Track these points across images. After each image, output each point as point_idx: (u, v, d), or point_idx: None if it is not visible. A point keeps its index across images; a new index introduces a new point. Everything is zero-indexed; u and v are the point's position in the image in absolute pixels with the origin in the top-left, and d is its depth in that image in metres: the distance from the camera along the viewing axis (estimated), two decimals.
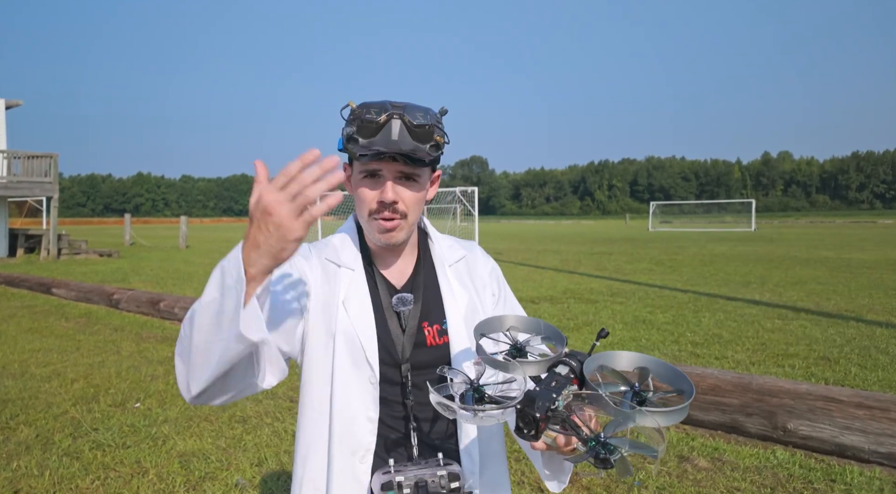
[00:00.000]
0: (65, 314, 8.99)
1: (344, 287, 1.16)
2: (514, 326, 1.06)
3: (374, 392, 1.13)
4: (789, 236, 29.83)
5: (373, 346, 1.13)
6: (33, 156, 19.29)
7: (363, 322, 1.14)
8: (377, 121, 1.04)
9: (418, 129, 1.05)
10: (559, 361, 0.92)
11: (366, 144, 1.05)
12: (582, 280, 12.41)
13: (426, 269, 1.25)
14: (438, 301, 1.22)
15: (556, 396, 0.84)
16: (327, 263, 1.19)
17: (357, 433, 1.13)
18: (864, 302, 8.97)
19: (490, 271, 1.31)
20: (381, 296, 1.18)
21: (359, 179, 1.12)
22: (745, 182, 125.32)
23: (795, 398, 3.73)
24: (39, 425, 4.28)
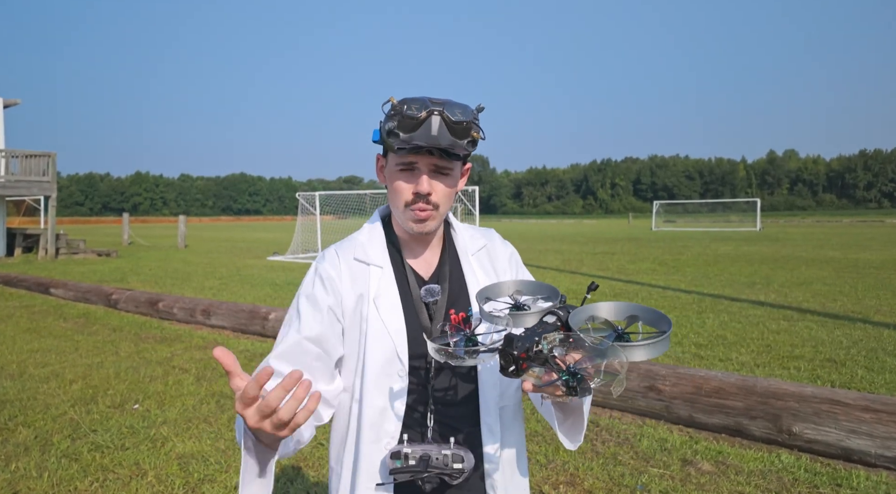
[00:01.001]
0: (63, 314, 8.98)
1: (374, 285, 1.23)
2: (518, 290, 1.15)
3: (402, 385, 1.20)
4: (795, 236, 29.70)
5: (402, 341, 1.20)
6: (31, 155, 19.29)
7: (393, 318, 1.21)
8: (418, 117, 1.09)
9: (457, 125, 1.11)
10: (549, 312, 1.01)
11: (406, 138, 1.10)
12: (584, 280, 12.36)
13: (451, 258, 1.31)
14: (464, 290, 1.28)
15: (538, 339, 0.92)
16: (356, 263, 1.25)
17: (385, 423, 1.20)
18: (872, 303, 8.89)
19: (509, 256, 1.38)
20: (412, 289, 1.24)
21: (394, 171, 1.19)
22: (751, 181, 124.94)
23: (801, 401, 3.68)
24: (38, 426, 4.26)
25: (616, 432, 4.05)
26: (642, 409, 4.31)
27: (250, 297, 10.37)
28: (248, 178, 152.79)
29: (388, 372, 1.20)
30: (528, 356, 0.91)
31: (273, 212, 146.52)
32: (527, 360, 0.91)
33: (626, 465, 3.54)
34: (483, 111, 1.17)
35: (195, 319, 7.91)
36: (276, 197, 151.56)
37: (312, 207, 20.96)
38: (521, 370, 0.92)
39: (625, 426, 4.16)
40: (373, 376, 1.20)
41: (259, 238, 35.22)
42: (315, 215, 20.60)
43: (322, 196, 21.02)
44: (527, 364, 0.91)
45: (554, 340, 0.92)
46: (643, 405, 4.29)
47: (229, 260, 18.92)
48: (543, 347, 0.91)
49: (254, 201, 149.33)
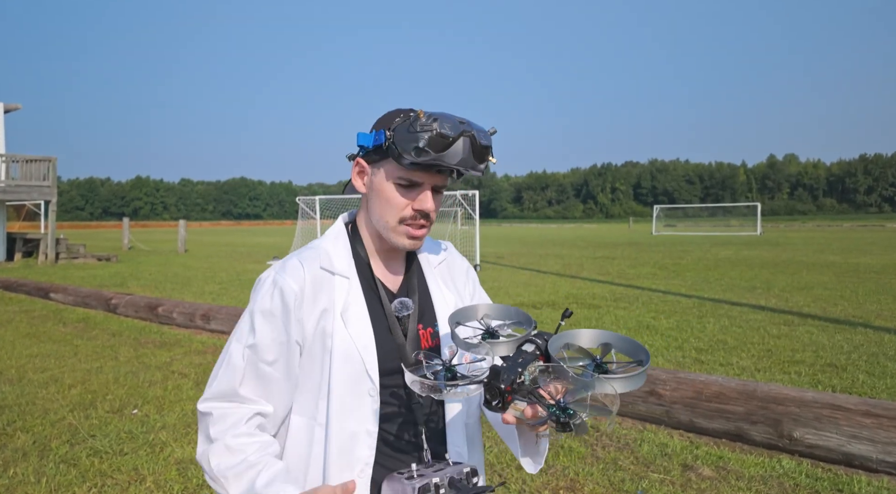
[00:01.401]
0: (62, 318, 8.97)
1: (340, 298, 1.15)
2: (487, 314, 1.12)
3: (373, 405, 1.13)
4: (795, 240, 29.69)
5: (372, 358, 1.12)
6: (32, 160, 19.30)
7: (361, 334, 1.13)
8: (450, 137, 1.05)
9: (483, 149, 1.09)
10: (526, 340, 0.98)
11: (436, 157, 1.05)
12: (584, 285, 12.35)
13: (417, 271, 1.27)
14: (430, 304, 1.24)
15: (522, 370, 0.90)
16: (321, 273, 1.15)
17: (356, 448, 1.11)
18: (873, 308, 8.88)
19: (466, 271, 1.36)
20: (383, 302, 1.18)
21: (391, 184, 1.13)
22: (751, 185, 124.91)
23: (801, 406, 3.67)
24: (36, 431, 4.25)
25: (616, 437, 4.04)
26: (642, 414, 4.29)
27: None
28: (249, 182, 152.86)
29: (358, 392, 1.12)
30: (513, 388, 0.89)
31: (273, 216, 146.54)
32: (511, 392, 0.89)
33: (627, 470, 3.52)
34: (495, 134, 1.15)
35: (195, 323, 7.90)
36: (277, 201, 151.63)
37: (313, 211, 20.97)
38: (507, 404, 0.90)
39: (625, 431, 4.14)
40: (339, 398, 1.11)
41: (259, 243, 35.23)
42: (315, 220, 20.62)
43: (322, 200, 21.02)
44: (511, 397, 0.89)
45: (535, 371, 0.90)
46: (643, 409, 4.28)
47: (229, 265, 18.92)
48: (525, 378, 0.90)
49: (254, 206, 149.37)
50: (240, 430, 1.09)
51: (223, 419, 1.10)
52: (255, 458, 1.07)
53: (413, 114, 1.08)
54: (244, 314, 1.16)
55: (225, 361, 1.14)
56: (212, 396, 1.13)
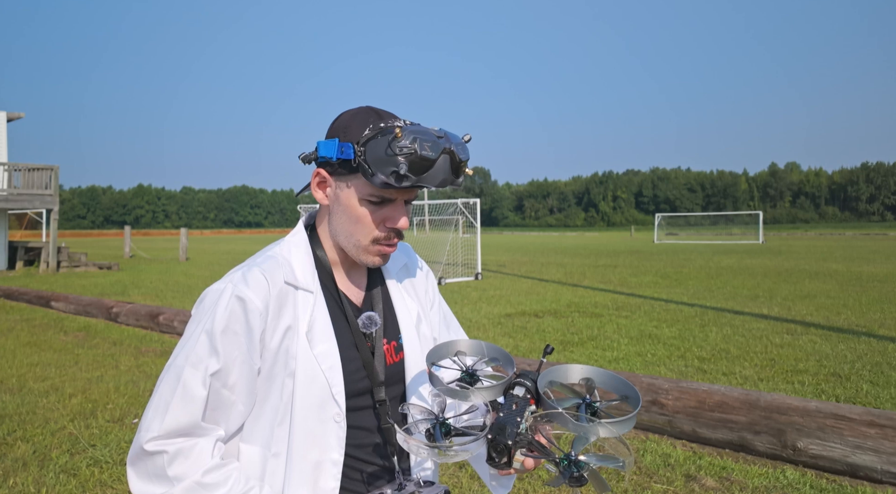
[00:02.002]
0: (63, 327, 8.96)
1: (304, 314, 1.05)
2: (461, 351, 1.05)
3: (339, 432, 1.04)
4: (798, 249, 29.64)
5: (339, 381, 1.04)
6: (34, 168, 19.37)
7: (327, 355, 1.04)
8: (432, 158, 0.97)
9: (462, 164, 1.02)
10: (514, 383, 0.93)
11: (417, 180, 0.97)
12: (586, 293, 12.33)
13: (379, 280, 1.19)
14: (393, 316, 1.17)
15: (520, 419, 0.85)
16: (285, 286, 1.05)
17: (320, 479, 1.03)
18: (876, 317, 8.85)
19: (426, 275, 1.28)
20: (349, 318, 1.09)
21: (360, 200, 1.04)
22: (753, 194, 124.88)
23: (805, 416, 3.65)
24: (36, 441, 4.23)
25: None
26: (645, 424, 4.27)
27: None
28: (250, 190, 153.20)
29: (322, 418, 1.03)
30: (517, 442, 0.85)
31: (275, 224, 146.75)
32: (515, 446, 0.85)
33: (629, 481, 3.50)
34: (469, 141, 1.07)
35: None
36: (278, 209, 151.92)
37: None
38: (512, 459, 0.85)
39: (627, 440, 4.11)
40: (302, 425, 1.02)
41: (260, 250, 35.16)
42: None
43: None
44: (515, 451, 0.85)
45: (528, 418, 0.86)
46: (646, 419, 4.25)
47: None
48: (522, 427, 0.85)
49: (255, 214, 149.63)
50: (209, 464, 0.95)
51: (183, 455, 0.94)
52: (239, 489, 0.96)
53: (385, 127, 0.98)
54: (194, 332, 1.00)
55: (178, 390, 0.96)
56: (165, 433, 0.95)
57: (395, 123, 0.99)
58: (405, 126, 0.98)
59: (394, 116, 1.04)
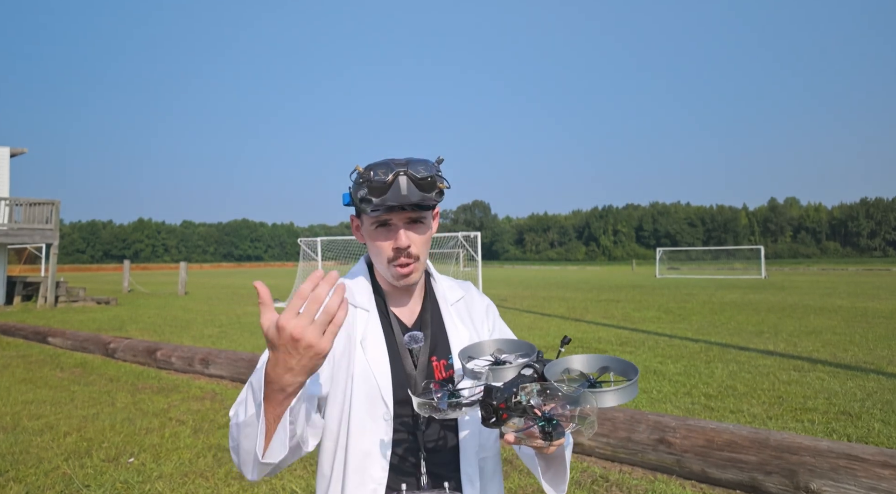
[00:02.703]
0: (60, 363, 8.84)
1: (360, 328, 1.26)
2: (499, 348, 1.21)
3: (387, 429, 1.21)
4: (801, 284, 29.53)
5: (388, 384, 1.22)
6: (35, 203, 19.45)
7: (379, 362, 1.23)
8: (386, 181, 1.16)
9: (423, 181, 1.18)
10: (526, 365, 1.08)
11: (379, 202, 1.17)
12: (589, 329, 12.22)
13: (432, 307, 1.36)
14: (444, 337, 1.33)
15: (517, 390, 0.97)
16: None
17: (370, 467, 1.20)
18: (884, 354, 8.72)
19: (486, 308, 1.45)
20: (396, 335, 1.27)
21: (372, 230, 1.25)
22: (753, 228, 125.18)
23: (816, 456, 3.55)
24: (29, 481, 4.13)
25: (627, 487, 3.90)
26: (653, 463, 4.16)
27: (250, 345, 10.25)
28: (250, 224, 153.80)
29: (373, 415, 1.21)
30: (508, 406, 0.96)
31: (275, 258, 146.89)
32: (506, 410, 0.96)
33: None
34: (442, 162, 1.25)
35: (193, 368, 7.79)
36: (278, 243, 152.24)
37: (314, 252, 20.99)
38: (501, 421, 0.97)
39: (636, 481, 4.01)
40: (358, 418, 1.21)
41: None
42: (317, 261, 20.61)
43: (324, 242, 21.07)
44: (507, 415, 0.96)
45: (531, 391, 0.98)
46: (654, 458, 4.15)
47: (229, 307, 18.82)
48: (522, 398, 0.97)
49: (255, 247, 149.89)
50: None
51: None
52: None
53: (355, 169, 1.21)
54: None
55: None
56: None
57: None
58: (370, 164, 1.20)
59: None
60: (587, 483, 3.98)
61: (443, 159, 1.25)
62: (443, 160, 1.25)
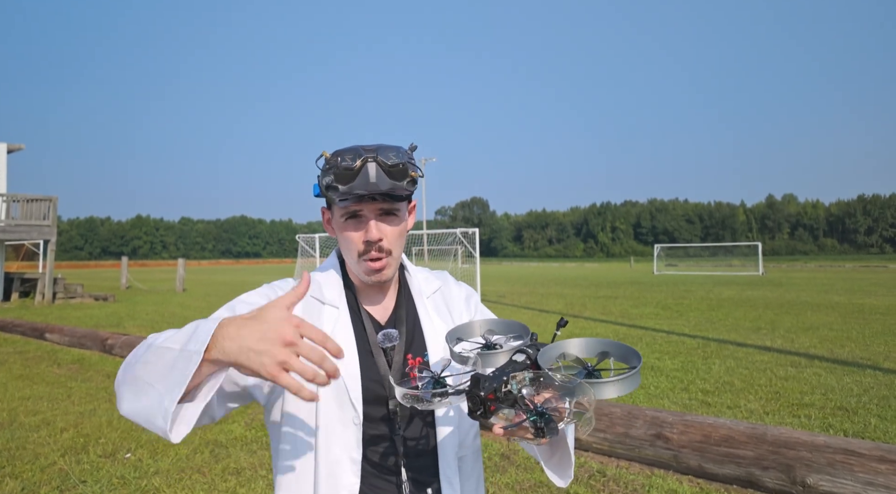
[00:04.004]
0: (57, 360, 8.83)
1: (329, 327, 1.18)
2: (490, 329, 1.12)
3: (357, 433, 1.14)
4: (798, 281, 29.58)
5: (357, 387, 1.14)
6: (33, 199, 19.41)
7: (347, 363, 1.15)
8: (353, 167, 1.08)
9: (393, 168, 1.10)
10: (518, 350, 0.98)
11: (346, 189, 1.09)
12: (588, 325, 12.23)
13: (407, 302, 1.28)
14: (420, 334, 1.25)
15: (507, 378, 0.89)
16: (311, 300, 1.21)
17: (341, 475, 1.13)
18: (880, 349, 8.75)
19: (465, 297, 1.36)
20: (368, 333, 1.20)
21: (341, 222, 1.17)
22: (751, 225, 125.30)
23: (813, 451, 3.56)
24: (25, 477, 4.12)
25: (624, 482, 3.91)
26: (650, 458, 4.17)
27: None
28: (249, 220, 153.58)
29: (343, 420, 1.14)
30: (497, 396, 0.88)
31: (273, 255, 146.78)
32: (495, 401, 0.88)
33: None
34: (416, 150, 1.17)
35: None
36: (276, 240, 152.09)
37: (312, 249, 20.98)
38: (490, 413, 0.89)
39: (632, 476, 4.01)
40: (326, 423, 1.14)
41: (258, 281, 35.07)
42: (315, 258, 20.60)
43: (322, 238, 21.06)
44: (495, 406, 0.88)
45: (523, 379, 0.89)
46: (651, 453, 4.15)
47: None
48: (513, 387, 0.89)
49: (253, 244, 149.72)
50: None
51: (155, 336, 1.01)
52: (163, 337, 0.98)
53: (322, 156, 1.13)
54: (229, 303, 1.18)
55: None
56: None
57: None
58: (339, 149, 1.12)
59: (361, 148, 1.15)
60: (584, 478, 3.99)
61: (416, 147, 1.18)
62: (416, 147, 1.18)
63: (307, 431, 1.15)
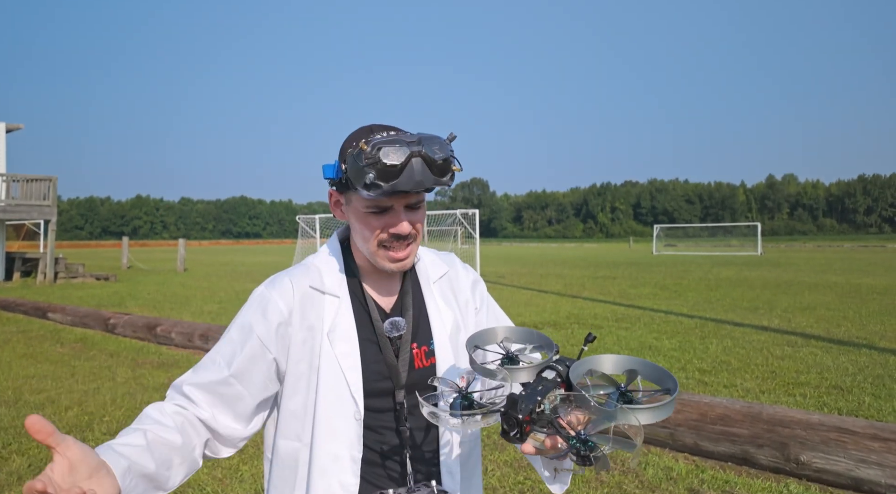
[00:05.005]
0: (60, 339, 8.90)
1: (329, 317, 1.13)
2: (507, 337, 1.07)
3: (357, 429, 1.10)
4: (797, 261, 29.65)
5: (357, 381, 1.10)
6: (32, 179, 19.36)
7: (348, 355, 1.11)
8: (398, 164, 0.99)
9: (439, 164, 1.02)
10: (547, 366, 0.93)
11: (389, 188, 1.00)
12: (586, 305, 12.30)
13: (413, 288, 1.22)
14: (426, 322, 1.20)
15: (541, 398, 0.86)
16: (310, 291, 1.14)
17: (339, 474, 1.09)
18: (876, 329, 8.82)
19: (472, 284, 1.30)
20: (374, 322, 1.15)
21: (363, 211, 1.09)
22: (751, 205, 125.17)
23: (808, 429, 3.62)
24: (32, 454, 4.19)
25: (620, 460, 3.98)
26: (647, 436, 4.23)
27: None
28: (249, 201, 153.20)
29: (343, 414, 1.09)
30: (532, 418, 0.86)
31: (273, 235, 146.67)
32: (530, 422, 0.86)
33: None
34: (454, 140, 1.09)
35: (193, 343, 7.84)
36: (277, 220, 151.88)
37: (312, 230, 20.99)
38: (525, 434, 0.86)
39: (628, 454, 4.07)
40: (325, 418, 1.09)
41: (259, 262, 35.20)
42: (315, 238, 20.62)
43: (322, 219, 21.05)
44: (530, 428, 0.86)
45: (555, 399, 0.87)
46: (647, 431, 4.21)
47: (228, 284, 18.87)
48: (545, 407, 0.86)
49: (254, 225, 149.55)
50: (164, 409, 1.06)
51: (155, 409, 1.06)
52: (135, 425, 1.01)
53: (357, 145, 1.03)
54: (230, 326, 1.16)
55: (199, 369, 1.12)
56: (173, 384, 1.11)
57: (370, 138, 1.02)
58: (373, 138, 1.01)
59: (390, 129, 1.07)
60: None
61: (455, 136, 1.09)
62: (455, 137, 1.09)
63: (303, 427, 1.11)
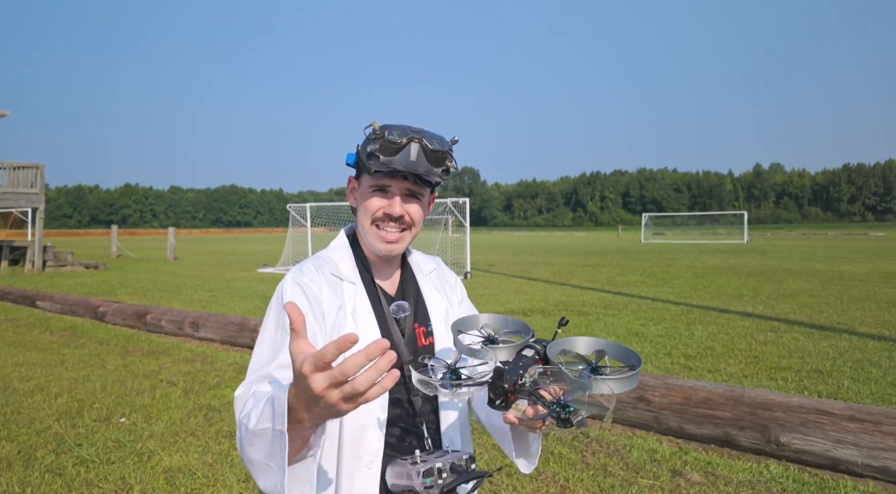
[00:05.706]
0: (49, 327, 8.87)
1: (349, 300, 1.27)
2: (486, 323, 1.20)
3: (383, 401, 1.21)
4: (782, 249, 29.96)
5: None
6: (19, 167, 19.12)
7: (371, 332, 1.24)
8: (399, 142, 1.15)
9: (434, 153, 1.18)
10: (526, 346, 1.06)
11: (385, 161, 1.16)
12: (574, 292, 12.40)
13: (411, 277, 1.40)
14: (423, 306, 1.37)
15: (523, 372, 0.97)
16: (332, 277, 1.29)
17: (366, 439, 1.19)
18: (857, 315, 8.98)
19: (454, 282, 1.50)
20: (383, 305, 1.30)
21: (367, 192, 1.25)
22: (738, 194, 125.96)
23: (788, 412, 3.71)
24: (21, 440, 4.20)
25: (606, 443, 4.06)
26: (632, 420, 4.32)
27: (239, 309, 10.31)
28: (239, 190, 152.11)
29: None
30: (515, 388, 0.96)
31: (264, 224, 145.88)
32: (514, 393, 0.96)
33: (616, 476, 3.54)
34: (456, 143, 1.24)
35: (183, 331, 7.85)
36: (267, 209, 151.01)
37: (303, 219, 20.90)
38: (509, 403, 0.97)
39: (615, 437, 4.16)
40: None
41: (249, 250, 35.06)
42: (306, 227, 20.54)
43: (313, 208, 20.97)
44: (514, 397, 0.97)
45: (535, 373, 0.97)
46: (633, 415, 4.30)
47: (219, 273, 18.81)
48: (526, 380, 0.97)
49: (244, 213, 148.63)
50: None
51: (252, 396, 1.09)
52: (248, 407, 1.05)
53: (371, 125, 1.18)
54: (268, 318, 1.21)
55: (258, 346, 1.18)
56: (247, 381, 1.14)
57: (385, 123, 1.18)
58: (386, 123, 1.18)
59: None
60: (567, 439, 4.13)
61: (457, 140, 1.24)
62: (457, 141, 1.24)
63: None
